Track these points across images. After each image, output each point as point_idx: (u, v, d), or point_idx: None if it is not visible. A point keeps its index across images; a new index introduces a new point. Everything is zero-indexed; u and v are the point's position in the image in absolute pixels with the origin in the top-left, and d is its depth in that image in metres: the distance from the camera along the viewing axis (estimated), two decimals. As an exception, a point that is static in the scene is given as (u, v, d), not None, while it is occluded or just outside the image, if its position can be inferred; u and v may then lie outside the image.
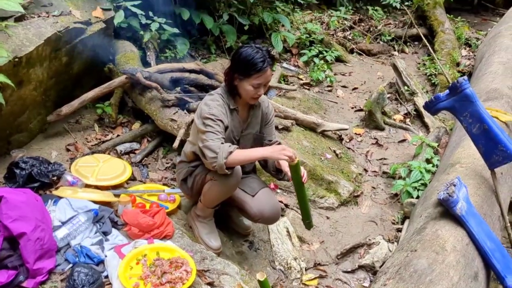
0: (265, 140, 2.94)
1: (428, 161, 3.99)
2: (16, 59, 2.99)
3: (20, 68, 3.08)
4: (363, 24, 7.47)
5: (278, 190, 3.73)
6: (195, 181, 2.84)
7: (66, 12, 3.59)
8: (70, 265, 2.45)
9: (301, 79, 5.55)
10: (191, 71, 4.17)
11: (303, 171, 2.64)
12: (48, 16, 3.44)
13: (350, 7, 7.77)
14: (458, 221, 2.56)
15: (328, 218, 3.66)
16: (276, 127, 4.00)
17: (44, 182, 3.00)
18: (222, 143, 2.51)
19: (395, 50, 6.88)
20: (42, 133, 3.68)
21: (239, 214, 3.17)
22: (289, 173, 2.64)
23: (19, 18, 3.23)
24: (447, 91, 3.05)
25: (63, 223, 2.62)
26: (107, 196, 2.98)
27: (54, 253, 2.45)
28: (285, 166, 2.75)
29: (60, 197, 2.82)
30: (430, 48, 6.36)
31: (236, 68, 2.62)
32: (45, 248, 2.38)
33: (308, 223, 2.90)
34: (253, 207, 2.89)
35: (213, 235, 2.98)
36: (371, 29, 7.29)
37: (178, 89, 3.94)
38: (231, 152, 2.47)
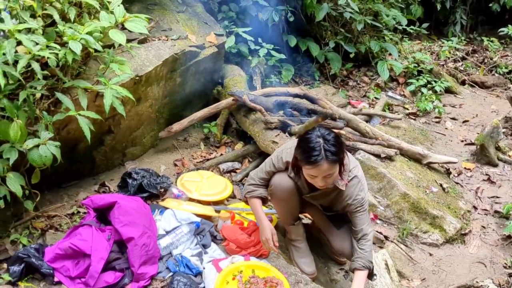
0: (352, 228, 2.66)
1: (547, 202, 3.63)
2: (137, 78, 3.24)
3: (140, 86, 3.33)
4: (476, 55, 7.09)
5: (378, 221, 3.60)
6: None
7: (183, 36, 3.84)
8: (171, 273, 2.56)
9: (407, 109, 5.37)
10: (295, 95, 4.22)
11: None
12: (167, 40, 3.71)
13: (462, 38, 7.45)
14: None
15: (431, 254, 3.45)
16: (378, 156, 3.90)
17: (152, 193, 3.18)
18: (260, 183, 2.77)
19: (512, 83, 6.42)
20: (153, 148, 3.93)
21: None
22: None
23: (142, 41, 3.51)
24: None
25: (167, 233, 2.75)
26: (209, 210, 3.08)
27: (157, 260, 2.58)
28: None
29: (166, 208, 2.97)
30: (553, 82, 5.85)
31: (296, 151, 2.47)
32: (149, 254, 2.51)
33: None
34: (335, 241, 2.83)
35: (308, 260, 2.94)
36: (486, 61, 6.88)
37: (281, 112, 4.01)
38: (251, 196, 2.77)
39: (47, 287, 2.41)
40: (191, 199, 3.25)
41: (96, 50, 2.71)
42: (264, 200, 2.80)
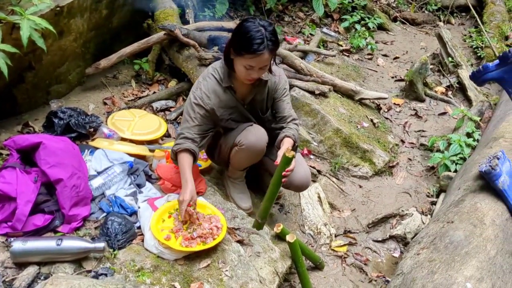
0: (278, 117, 2.73)
1: (468, 135, 3.85)
2: (58, 8, 2.98)
3: (61, 17, 3.08)
4: (408, -9, 7.19)
5: (312, 156, 3.69)
6: (221, 150, 2.79)
7: (108, -36, 3.56)
8: (104, 214, 2.49)
9: (341, 46, 5.40)
10: (230, 30, 4.09)
11: (291, 169, 2.42)
12: (90, -33, 3.42)
13: (396, -26, 7.47)
14: (499, 195, 2.47)
15: (360, 187, 3.60)
16: (313, 92, 3.93)
17: (81, 132, 3.05)
18: (191, 133, 2.52)
19: (440, 21, 6.60)
20: (80, 86, 3.72)
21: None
22: (279, 159, 2.44)
23: (62, -32, 3.21)
24: (496, 61, 2.91)
25: (99, 173, 2.66)
26: (142, 150, 3.00)
27: (89, 201, 2.49)
28: (281, 150, 2.49)
29: (96, 148, 2.86)
30: (478, 20, 6.06)
31: (233, 41, 2.39)
32: (80, 196, 2.42)
33: (260, 223, 2.64)
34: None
35: (244, 196, 2.98)
36: (417, -2, 7.01)
37: (215, 48, 3.89)
38: (180, 149, 2.50)
39: (-30, 233, 2.28)
40: (123, 139, 3.14)
41: (8, -24, 2.45)
42: (194, 157, 2.57)
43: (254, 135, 2.58)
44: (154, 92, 3.91)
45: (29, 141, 2.45)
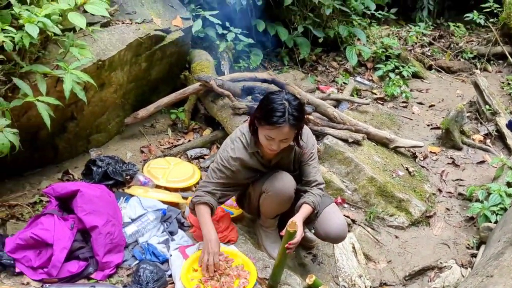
0: (303, 180, 2.70)
1: (509, 184, 3.72)
2: (100, 62, 3.16)
3: (103, 71, 3.25)
4: (443, 40, 7.19)
5: (345, 205, 3.64)
6: (250, 199, 2.79)
7: (148, 20, 3.75)
8: (137, 261, 2.53)
9: (375, 94, 5.41)
10: (263, 80, 4.20)
11: (294, 242, 2.39)
12: (131, 23, 3.61)
13: (430, 23, 7.52)
14: (542, 248, 2.36)
15: (397, 237, 3.50)
16: (346, 140, 3.93)
17: (118, 180, 3.13)
18: (210, 187, 2.56)
19: (477, 68, 6.53)
20: (119, 134, 3.86)
21: (304, 226, 3.10)
22: (283, 232, 2.43)
23: (105, 24, 3.41)
24: (534, 109, 2.85)
25: (133, 220, 2.71)
26: (176, 197, 3.06)
27: (123, 249, 2.54)
28: (290, 221, 2.43)
29: (132, 195, 2.92)
30: (515, 67, 5.99)
31: (257, 110, 2.45)
32: (114, 243, 2.47)
33: (272, 285, 2.56)
34: (317, 227, 2.79)
35: (277, 245, 2.93)
36: (452, 46, 6.99)
37: (249, 97, 3.98)
38: (199, 202, 2.53)
39: (8, 278, 2.34)
40: (158, 186, 3.21)
41: (55, 34, 2.62)
42: (212, 210, 2.58)
43: (280, 180, 2.58)
44: (189, 140, 4.00)
45: (67, 189, 2.55)
